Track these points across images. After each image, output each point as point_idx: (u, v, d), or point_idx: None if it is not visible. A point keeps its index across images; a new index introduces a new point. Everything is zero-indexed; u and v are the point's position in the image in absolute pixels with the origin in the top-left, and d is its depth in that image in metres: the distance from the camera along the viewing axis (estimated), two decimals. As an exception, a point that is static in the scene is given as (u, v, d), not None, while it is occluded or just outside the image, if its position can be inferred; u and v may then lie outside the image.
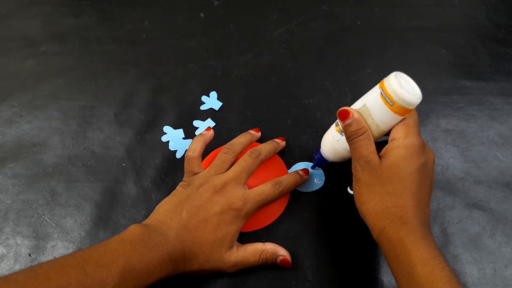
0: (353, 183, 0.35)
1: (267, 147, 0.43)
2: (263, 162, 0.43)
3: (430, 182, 0.35)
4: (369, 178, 0.34)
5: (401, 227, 0.31)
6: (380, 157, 0.34)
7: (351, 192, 0.43)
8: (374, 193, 0.33)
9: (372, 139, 0.34)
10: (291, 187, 0.41)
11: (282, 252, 0.39)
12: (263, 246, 0.39)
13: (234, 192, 0.38)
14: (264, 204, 0.39)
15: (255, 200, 0.38)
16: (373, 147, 0.34)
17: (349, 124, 0.34)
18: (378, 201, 0.33)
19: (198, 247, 0.36)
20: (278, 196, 0.40)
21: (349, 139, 0.35)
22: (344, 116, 0.34)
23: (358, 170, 0.34)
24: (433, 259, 0.30)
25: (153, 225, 0.36)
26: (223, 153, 0.42)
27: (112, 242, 0.34)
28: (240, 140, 0.44)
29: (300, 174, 0.42)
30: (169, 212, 0.38)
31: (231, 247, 0.37)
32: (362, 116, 0.35)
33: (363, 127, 0.34)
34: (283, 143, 0.45)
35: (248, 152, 0.42)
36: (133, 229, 0.35)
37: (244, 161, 0.41)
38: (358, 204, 0.35)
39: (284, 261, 0.39)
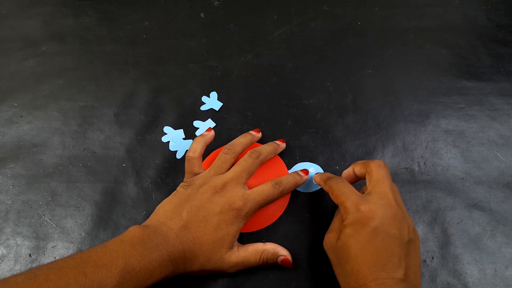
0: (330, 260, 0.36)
1: (267, 148, 0.43)
2: (264, 163, 0.43)
3: (393, 242, 0.32)
4: (333, 258, 0.35)
5: None
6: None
7: None
8: (339, 274, 0.34)
9: (339, 216, 0.37)
10: (291, 187, 0.41)
11: (283, 252, 0.39)
12: (263, 246, 0.39)
13: (234, 192, 0.38)
14: (265, 204, 0.39)
15: (256, 200, 0.38)
16: (333, 226, 0.37)
17: None
18: (345, 283, 0.33)
19: (198, 248, 0.36)
20: (278, 196, 0.40)
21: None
22: None
23: (326, 246, 0.36)
24: None
25: (153, 225, 0.36)
26: (223, 154, 0.42)
27: (111, 243, 0.34)
28: (241, 140, 0.44)
29: (300, 175, 0.42)
30: (169, 213, 0.38)
31: (231, 247, 0.37)
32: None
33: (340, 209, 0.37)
34: (283, 145, 0.45)
35: (248, 152, 0.42)
36: (133, 230, 0.35)
37: (245, 162, 0.41)
38: (339, 283, 0.35)
39: (285, 261, 0.39)
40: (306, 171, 0.43)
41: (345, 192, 0.36)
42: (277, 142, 0.45)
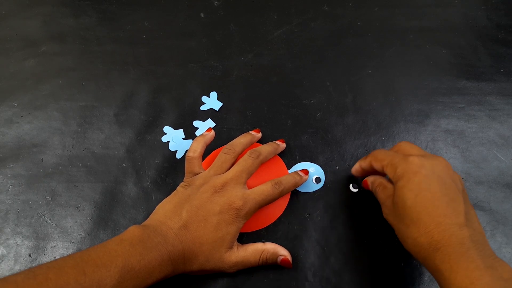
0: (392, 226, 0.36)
1: (267, 148, 0.43)
2: (263, 163, 0.43)
3: (449, 188, 0.32)
4: (393, 221, 0.35)
5: (435, 255, 0.30)
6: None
7: (353, 190, 0.43)
8: (403, 231, 0.33)
9: (387, 186, 0.37)
10: (291, 187, 0.41)
11: (282, 252, 0.39)
12: (263, 246, 0.39)
13: (234, 192, 0.38)
14: (264, 204, 0.39)
15: (255, 200, 0.38)
16: (386, 193, 0.36)
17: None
18: (407, 237, 0.32)
19: (198, 247, 0.36)
20: (278, 196, 0.40)
21: (373, 192, 0.39)
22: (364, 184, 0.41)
23: (386, 215, 0.36)
24: (473, 284, 0.27)
25: (153, 225, 0.36)
26: (223, 154, 0.42)
27: (111, 243, 0.34)
28: (241, 140, 0.44)
29: (300, 175, 0.42)
30: (169, 213, 0.38)
31: (231, 247, 0.37)
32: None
33: (378, 181, 0.38)
34: (283, 145, 0.45)
35: (248, 152, 0.42)
36: (133, 230, 0.35)
37: (244, 161, 0.41)
38: (403, 245, 0.34)
39: (284, 261, 0.39)
40: (306, 171, 0.43)
41: (389, 154, 0.37)
42: (277, 142, 0.45)
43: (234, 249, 0.37)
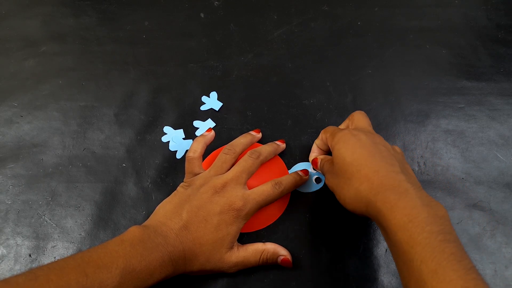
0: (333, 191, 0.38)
1: (267, 149, 0.43)
2: (264, 163, 0.43)
3: (383, 150, 0.35)
4: (334, 179, 0.37)
5: (375, 198, 0.31)
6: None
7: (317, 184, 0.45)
8: (342, 186, 0.35)
9: (331, 159, 0.39)
10: (291, 187, 0.41)
11: (283, 252, 0.39)
12: (263, 246, 0.39)
13: (234, 192, 0.38)
14: (265, 204, 0.39)
15: (256, 200, 0.38)
16: (328, 164, 0.39)
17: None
18: (347, 190, 0.34)
19: (198, 248, 0.36)
20: (278, 196, 0.40)
21: (321, 169, 0.42)
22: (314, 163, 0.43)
23: (327, 179, 0.39)
24: (411, 222, 0.28)
25: (153, 226, 0.36)
26: (223, 154, 0.42)
27: (112, 244, 0.34)
28: (241, 141, 0.44)
29: (300, 175, 0.42)
30: (169, 213, 0.38)
31: (231, 247, 0.37)
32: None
33: (326, 158, 0.41)
34: (283, 145, 0.45)
35: (248, 153, 0.42)
36: (133, 231, 0.35)
37: (245, 162, 0.41)
38: (341, 202, 0.36)
39: (285, 260, 0.39)
40: (306, 171, 0.43)
41: (334, 127, 0.41)
42: (277, 142, 0.45)
43: (234, 249, 0.38)
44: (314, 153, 0.44)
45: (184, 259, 0.35)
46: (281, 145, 0.45)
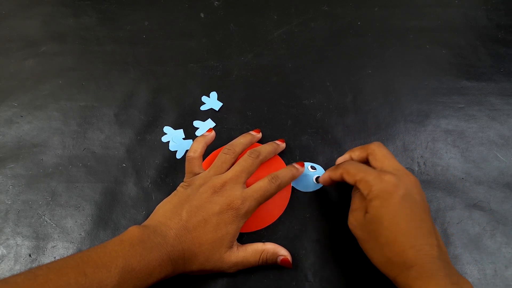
0: (361, 245, 0.36)
1: (267, 148, 0.43)
2: (263, 163, 0.43)
3: (420, 208, 0.34)
4: (362, 234, 0.36)
5: (408, 273, 0.31)
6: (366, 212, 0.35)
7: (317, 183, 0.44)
8: (371, 248, 0.34)
9: (357, 195, 0.37)
10: (288, 180, 0.40)
11: (282, 252, 0.39)
12: (263, 246, 0.39)
13: (233, 192, 0.38)
14: (263, 201, 0.39)
15: (254, 197, 0.38)
16: (361, 202, 0.36)
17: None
18: (380, 255, 0.34)
19: (197, 247, 0.36)
20: (276, 191, 0.39)
21: (353, 184, 0.38)
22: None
23: (352, 225, 0.37)
24: None
25: (153, 226, 0.36)
26: (223, 154, 0.42)
27: (111, 243, 0.34)
28: (241, 141, 0.44)
29: (296, 167, 0.42)
30: (168, 213, 0.38)
31: (231, 247, 0.37)
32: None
33: (361, 175, 0.36)
34: (283, 145, 0.45)
35: (248, 152, 0.42)
36: (133, 230, 0.35)
37: (244, 161, 0.41)
38: (368, 257, 0.35)
39: (284, 261, 0.39)
40: (301, 163, 0.43)
41: (362, 169, 0.36)
42: (277, 142, 0.45)
43: (234, 249, 0.37)
44: (326, 182, 0.41)
45: (184, 259, 0.35)
46: (281, 144, 0.45)
